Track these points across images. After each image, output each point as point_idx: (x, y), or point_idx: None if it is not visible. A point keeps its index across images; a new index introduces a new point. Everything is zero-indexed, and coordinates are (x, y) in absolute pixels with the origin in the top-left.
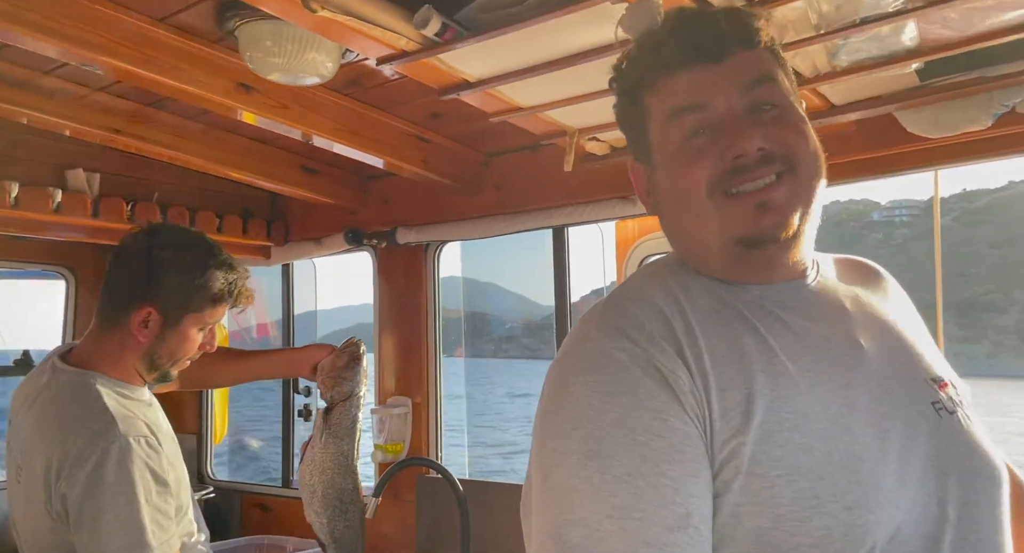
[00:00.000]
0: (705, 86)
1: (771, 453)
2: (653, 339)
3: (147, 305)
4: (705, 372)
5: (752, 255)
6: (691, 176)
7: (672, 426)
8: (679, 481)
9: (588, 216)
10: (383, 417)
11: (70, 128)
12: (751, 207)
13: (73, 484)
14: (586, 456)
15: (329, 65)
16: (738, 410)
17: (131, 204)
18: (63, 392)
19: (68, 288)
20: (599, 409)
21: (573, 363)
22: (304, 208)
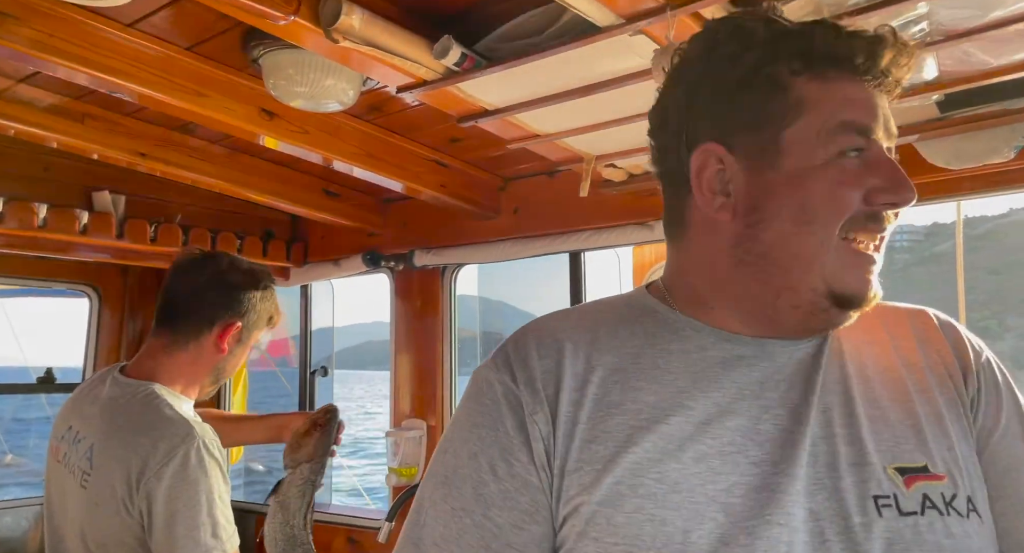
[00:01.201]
0: (875, 112)
1: (613, 518)
2: (530, 377)
3: (237, 320)
4: (575, 421)
5: (833, 314)
6: (842, 201)
7: (514, 471)
8: (501, 529)
9: (605, 241)
10: (397, 440)
11: (98, 152)
12: (867, 267)
13: (160, 481)
14: (440, 481)
15: (350, 92)
16: (595, 467)
17: (155, 225)
18: (132, 401)
19: (92, 306)
20: (463, 438)
21: (469, 387)
22: (323, 230)
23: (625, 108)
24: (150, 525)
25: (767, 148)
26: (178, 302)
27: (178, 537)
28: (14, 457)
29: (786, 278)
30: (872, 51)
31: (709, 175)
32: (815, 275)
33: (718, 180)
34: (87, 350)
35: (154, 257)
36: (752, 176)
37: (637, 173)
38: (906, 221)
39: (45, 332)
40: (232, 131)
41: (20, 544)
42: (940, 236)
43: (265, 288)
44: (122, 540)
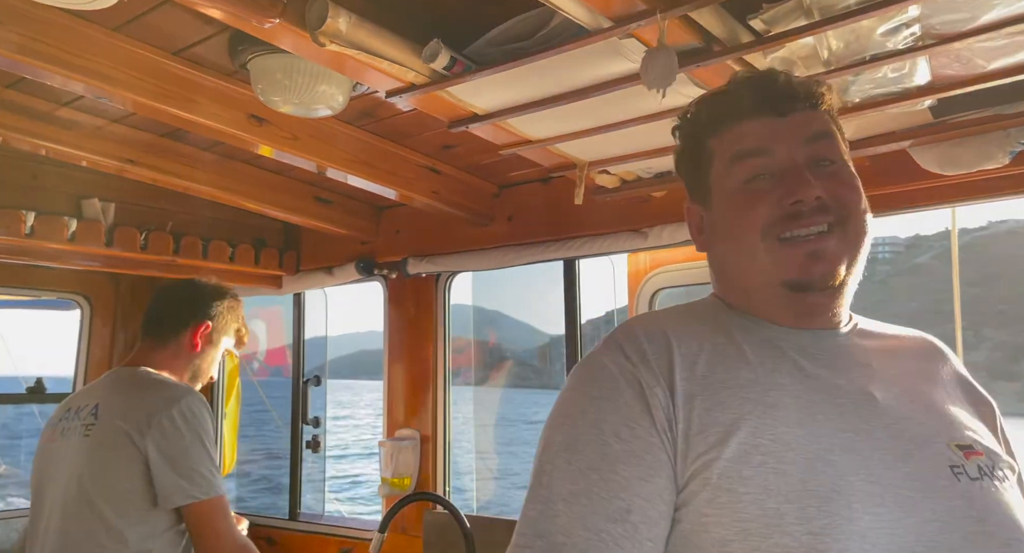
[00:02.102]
0: (770, 135)
1: (742, 472)
2: (644, 357)
3: (206, 320)
4: (691, 393)
5: (796, 299)
6: (748, 216)
7: (637, 434)
8: (629, 481)
9: (599, 249)
10: (391, 450)
11: (86, 159)
12: (803, 254)
13: (172, 422)
14: (562, 447)
15: (340, 98)
16: (718, 429)
17: (145, 233)
18: (132, 375)
19: (83, 316)
20: (582, 409)
21: (577, 370)
22: (316, 238)
23: (616, 113)
24: (159, 457)
25: (705, 194)
26: (159, 313)
27: (188, 468)
28: (7, 468)
29: (743, 282)
30: (757, 94)
31: (695, 222)
32: (759, 274)
33: (696, 223)
34: (78, 359)
35: (145, 265)
36: (706, 215)
37: (630, 179)
38: (889, 232)
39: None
40: (222, 137)
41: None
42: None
43: (230, 300)
44: (121, 471)
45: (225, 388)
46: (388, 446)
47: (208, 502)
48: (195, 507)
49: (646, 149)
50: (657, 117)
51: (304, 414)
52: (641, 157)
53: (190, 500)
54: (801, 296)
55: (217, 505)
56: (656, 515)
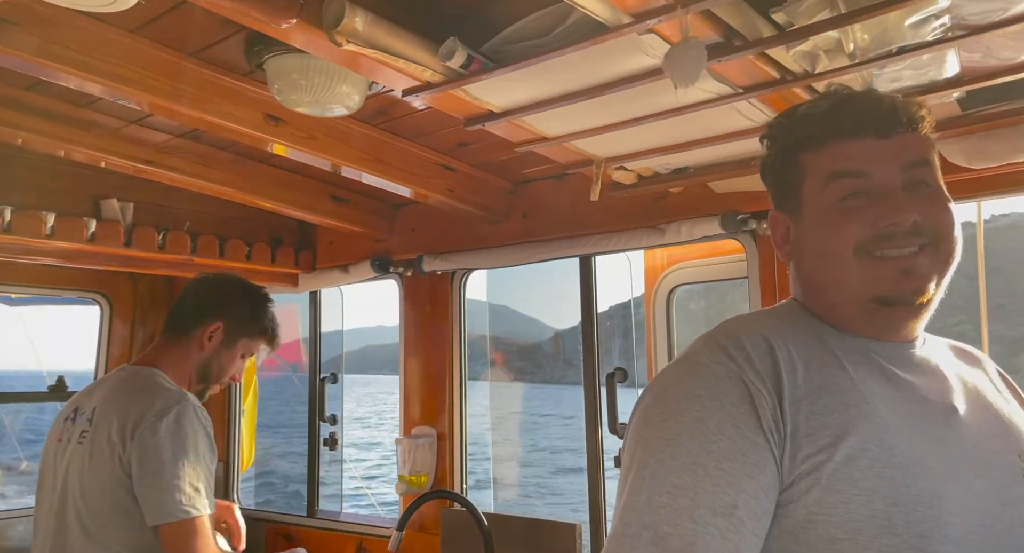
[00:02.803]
0: (870, 157)
1: (851, 475)
2: (749, 359)
3: (217, 321)
4: (797, 397)
5: (884, 313)
6: (842, 234)
7: (742, 433)
8: (735, 477)
9: (615, 245)
10: (408, 447)
11: (105, 160)
12: (896, 270)
13: (154, 433)
14: (665, 443)
15: (356, 97)
16: (827, 433)
17: (163, 233)
18: (133, 376)
19: (102, 314)
20: (685, 408)
21: (678, 369)
22: (332, 236)
23: (635, 109)
24: (139, 471)
25: (796, 207)
26: (177, 308)
27: (164, 485)
28: (29, 464)
29: (833, 296)
30: (863, 115)
31: (780, 231)
32: (850, 290)
33: (781, 234)
34: (98, 357)
35: (163, 265)
36: (794, 227)
37: (647, 175)
38: None
39: (60, 339)
40: (239, 137)
41: None
42: None
43: (252, 298)
44: (109, 484)
45: (243, 386)
46: (405, 444)
47: (182, 523)
48: (169, 527)
49: (664, 145)
50: (675, 112)
51: (321, 412)
52: (659, 153)
53: (168, 519)
54: (890, 311)
55: (187, 528)
56: (760, 511)
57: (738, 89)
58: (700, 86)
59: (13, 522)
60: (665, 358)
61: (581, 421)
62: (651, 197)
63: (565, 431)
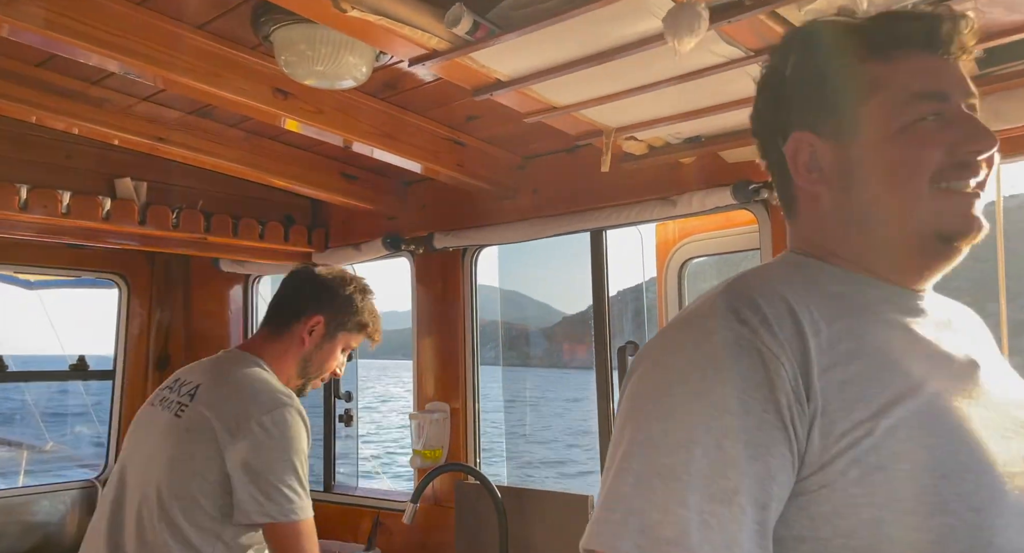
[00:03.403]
0: (948, 78)
1: (894, 448)
2: (766, 322)
3: (318, 315)
4: (826, 365)
5: (941, 251)
6: (920, 159)
7: (749, 409)
8: (737, 459)
9: (627, 218)
10: (421, 422)
11: (118, 137)
12: (967, 205)
13: (263, 429)
14: (657, 418)
15: (363, 68)
16: (863, 405)
17: (176, 211)
18: (242, 363)
19: (121, 295)
20: (685, 379)
21: (679, 335)
22: (344, 214)
23: (644, 76)
24: (242, 464)
25: (849, 126)
26: (279, 300)
27: (266, 481)
28: (54, 444)
29: (888, 230)
30: (931, 28)
31: (803, 158)
32: (914, 224)
33: (810, 160)
34: (117, 338)
35: (178, 244)
36: (839, 151)
37: (658, 146)
38: None
39: (80, 323)
40: (247, 111)
41: (58, 527)
42: None
43: (355, 291)
44: (199, 468)
45: None
46: (419, 419)
47: (287, 526)
48: (272, 528)
49: (674, 113)
50: (685, 78)
51: (336, 388)
52: (669, 121)
53: (267, 519)
54: (946, 251)
55: (297, 530)
56: (765, 499)
57: (749, 52)
58: (710, 49)
59: (38, 498)
60: None
61: (579, 403)
62: (662, 168)
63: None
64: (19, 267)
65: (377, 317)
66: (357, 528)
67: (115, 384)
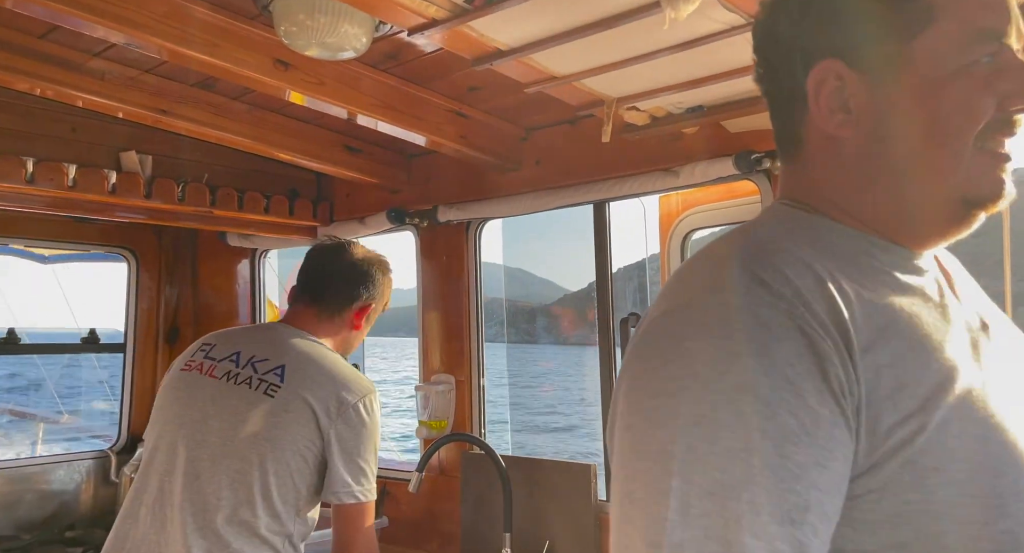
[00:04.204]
0: (1006, 15)
1: (947, 444)
2: (800, 296)
3: (371, 302)
4: (864, 344)
5: (967, 217)
6: (974, 108)
7: (806, 403)
8: (803, 468)
9: (630, 190)
10: (427, 394)
11: (122, 110)
12: (1002, 169)
13: (357, 414)
14: (694, 421)
15: (363, 38)
16: (909, 392)
17: (182, 185)
18: (315, 346)
19: (130, 269)
20: (720, 370)
21: (693, 315)
22: (348, 188)
23: (646, 44)
24: (338, 447)
25: (893, 60)
26: (324, 282)
27: (356, 468)
28: (69, 416)
29: (921, 190)
30: None
31: (828, 92)
32: (950, 185)
33: (837, 97)
34: (127, 312)
35: (185, 217)
36: (876, 90)
37: (660, 116)
38: None
39: (93, 295)
40: (248, 83)
41: (73, 496)
42: None
43: (389, 273)
44: (298, 447)
45: None
46: (424, 390)
47: (365, 505)
48: (351, 508)
49: (676, 82)
50: (686, 46)
51: None
52: (671, 90)
53: (352, 500)
54: (973, 216)
55: (367, 510)
56: (833, 512)
57: (749, 19)
58: (710, 16)
59: (54, 467)
60: None
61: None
62: (665, 139)
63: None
64: (29, 241)
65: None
66: None
67: (126, 357)
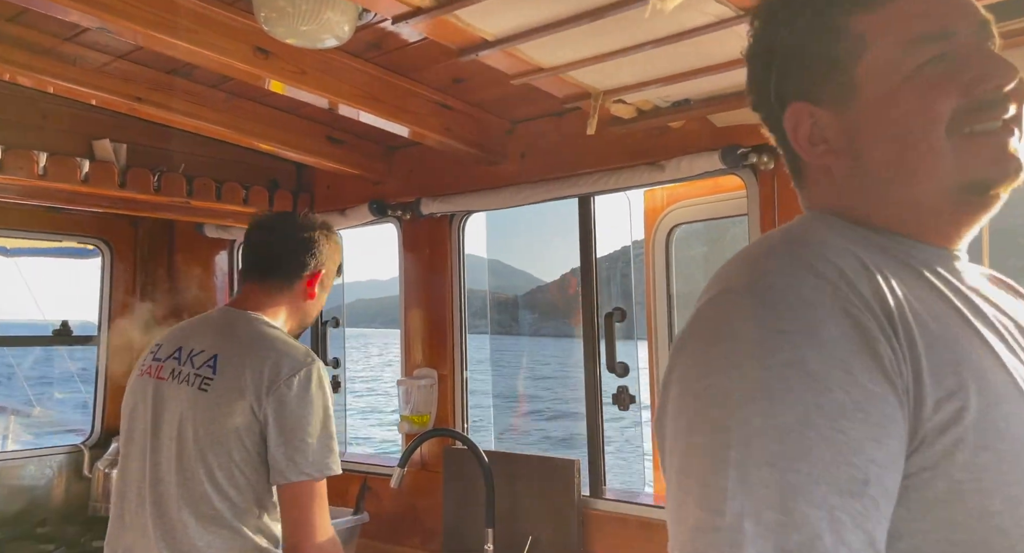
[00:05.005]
0: (948, 12)
1: (996, 423)
2: (845, 277)
3: (320, 268)
4: (908, 322)
5: (973, 204)
6: (933, 107)
7: (857, 380)
8: (859, 442)
9: (615, 184)
10: (409, 388)
11: (95, 97)
12: (996, 148)
13: (290, 389)
14: (748, 398)
15: (345, 27)
16: (950, 370)
17: (158, 175)
18: (251, 324)
19: (104, 260)
20: (770, 347)
21: (740, 297)
22: (330, 179)
23: (633, 36)
24: (276, 425)
25: (846, 89)
26: (268, 256)
27: (299, 440)
28: (41, 410)
29: (911, 192)
30: None
31: (804, 131)
32: (938, 181)
33: (815, 132)
34: (101, 304)
35: (162, 208)
36: (842, 118)
37: (647, 109)
38: None
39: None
40: (227, 71)
41: (45, 491)
42: None
43: (335, 237)
44: (238, 437)
45: None
46: (406, 384)
47: (315, 484)
48: (298, 487)
49: (663, 75)
50: (674, 39)
51: (324, 356)
52: (658, 84)
53: (299, 477)
54: (979, 201)
55: (317, 488)
56: (893, 488)
57: (739, 11)
58: (699, 9)
59: (25, 462)
60: (664, 301)
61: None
62: (651, 133)
63: None
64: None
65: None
66: (346, 492)
67: (100, 350)
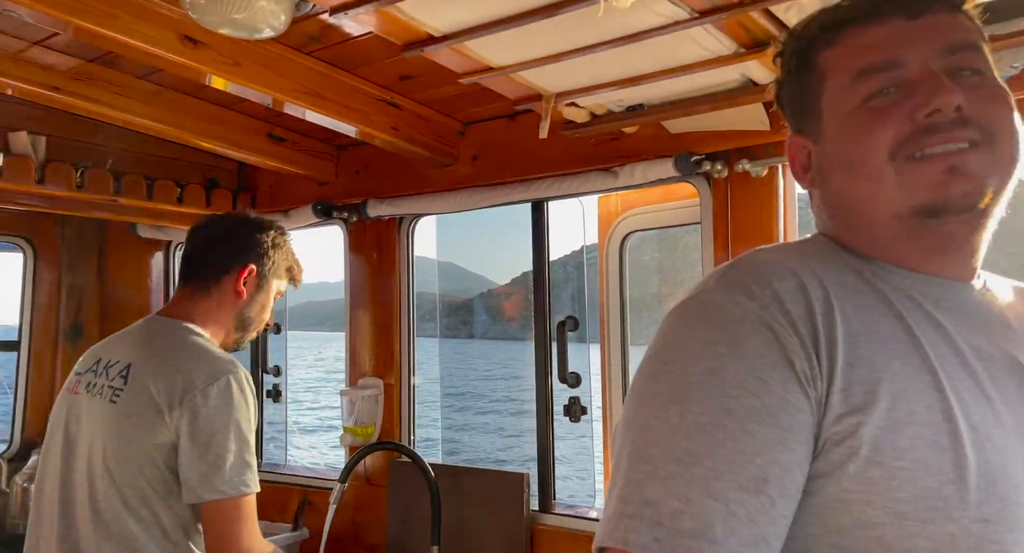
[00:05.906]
0: (901, 42)
1: (896, 443)
2: (777, 297)
3: (250, 264)
4: (834, 341)
5: (930, 227)
6: (872, 137)
7: (770, 388)
8: (763, 444)
9: (569, 189)
10: (353, 398)
11: (10, 86)
12: (940, 170)
13: (206, 399)
14: (671, 399)
15: (282, 17)
16: (862, 388)
17: (81, 171)
18: (173, 332)
19: (26, 260)
20: (695, 356)
21: (684, 311)
22: (273, 179)
23: (585, 37)
24: (188, 439)
25: (816, 120)
26: (197, 255)
27: (215, 455)
28: None
29: (867, 217)
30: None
31: (801, 160)
32: (888, 205)
33: (802, 162)
34: (23, 306)
35: (86, 206)
36: (816, 149)
37: (600, 114)
38: None
39: None
40: (151, 60)
41: None
42: None
43: (276, 235)
44: (148, 453)
45: None
46: (350, 395)
47: (231, 501)
48: (217, 505)
49: (617, 78)
50: (627, 40)
51: (264, 363)
52: (611, 87)
53: (215, 496)
54: (936, 224)
55: (241, 505)
56: (793, 489)
57: (694, 13)
58: (653, 9)
59: None
60: (617, 308)
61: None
62: (605, 138)
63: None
64: None
65: (298, 259)
66: (285, 507)
67: (20, 356)
